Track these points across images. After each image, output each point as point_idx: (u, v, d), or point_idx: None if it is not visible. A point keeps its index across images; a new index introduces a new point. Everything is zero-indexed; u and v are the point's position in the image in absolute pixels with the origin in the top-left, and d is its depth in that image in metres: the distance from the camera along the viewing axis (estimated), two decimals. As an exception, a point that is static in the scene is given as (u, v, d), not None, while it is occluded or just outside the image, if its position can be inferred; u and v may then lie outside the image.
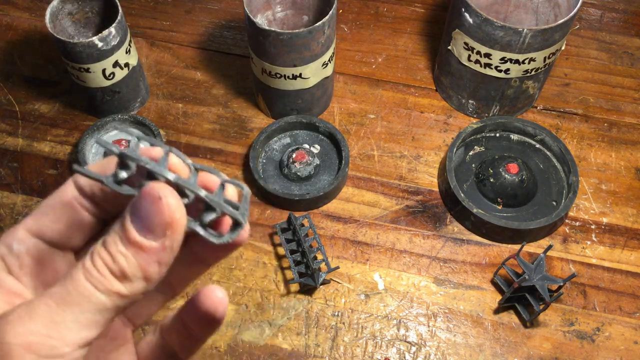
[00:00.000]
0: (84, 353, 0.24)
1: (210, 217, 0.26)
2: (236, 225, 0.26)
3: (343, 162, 0.69)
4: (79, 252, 0.29)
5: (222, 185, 0.26)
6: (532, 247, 0.67)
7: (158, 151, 0.26)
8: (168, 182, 0.25)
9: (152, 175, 0.25)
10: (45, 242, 0.27)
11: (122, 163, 0.25)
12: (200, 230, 0.26)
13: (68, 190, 0.27)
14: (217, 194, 0.26)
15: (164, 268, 0.25)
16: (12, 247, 0.27)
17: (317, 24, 0.63)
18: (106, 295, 0.24)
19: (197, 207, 0.26)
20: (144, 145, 0.27)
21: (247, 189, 0.27)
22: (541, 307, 0.59)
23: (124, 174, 0.25)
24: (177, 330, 0.31)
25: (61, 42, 0.65)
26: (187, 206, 0.25)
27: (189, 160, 0.26)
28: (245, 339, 0.61)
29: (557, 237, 0.68)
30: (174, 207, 0.24)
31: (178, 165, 0.26)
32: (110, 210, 0.28)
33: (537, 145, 0.73)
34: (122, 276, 0.24)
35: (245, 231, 0.27)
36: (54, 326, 0.23)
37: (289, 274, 0.65)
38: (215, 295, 0.29)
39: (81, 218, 0.27)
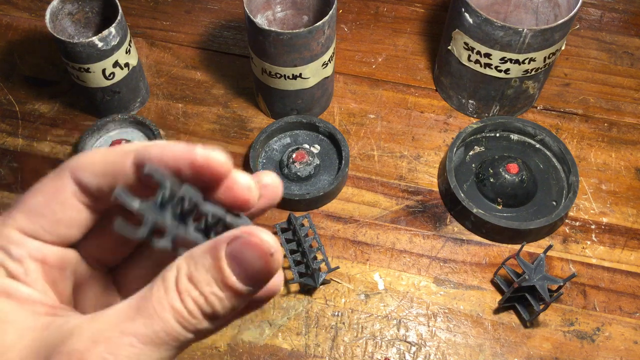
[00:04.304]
0: None
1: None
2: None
3: (343, 162, 0.69)
4: (76, 243, 0.28)
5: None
6: (532, 247, 0.67)
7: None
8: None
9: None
10: (45, 242, 0.26)
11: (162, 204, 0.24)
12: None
13: (67, 187, 0.25)
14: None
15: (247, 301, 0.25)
16: (10, 253, 0.25)
17: (317, 24, 0.63)
18: (195, 334, 0.23)
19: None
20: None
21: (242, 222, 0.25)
22: (541, 307, 0.59)
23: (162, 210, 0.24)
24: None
25: (61, 42, 0.65)
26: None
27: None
28: (245, 338, 0.61)
29: (557, 237, 0.68)
30: (279, 262, 0.23)
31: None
32: (107, 204, 0.27)
33: (537, 145, 0.73)
34: (214, 317, 0.23)
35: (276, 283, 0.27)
36: None
37: (289, 274, 0.65)
38: (240, 182, 0.25)
39: (83, 216, 0.26)
